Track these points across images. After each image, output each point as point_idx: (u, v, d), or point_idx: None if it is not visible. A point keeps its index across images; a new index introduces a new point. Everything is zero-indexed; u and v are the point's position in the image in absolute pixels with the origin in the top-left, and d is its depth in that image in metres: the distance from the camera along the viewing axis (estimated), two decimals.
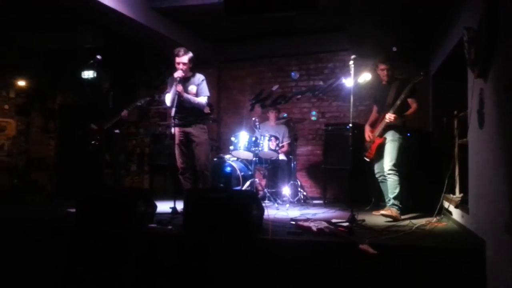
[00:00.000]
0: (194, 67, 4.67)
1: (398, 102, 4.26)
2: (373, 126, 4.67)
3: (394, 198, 4.26)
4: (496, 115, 2.68)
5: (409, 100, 4.32)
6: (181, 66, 4.48)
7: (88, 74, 5.55)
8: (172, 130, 4.47)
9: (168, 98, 4.57)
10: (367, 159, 4.64)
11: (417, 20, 5.29)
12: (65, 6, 5.07)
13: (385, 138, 4.39)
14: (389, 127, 4.36)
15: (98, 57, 4.95)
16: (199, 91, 4.63)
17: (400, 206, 4.26)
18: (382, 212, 4.20)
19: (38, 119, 7.63)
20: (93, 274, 3.46)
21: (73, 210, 3.83)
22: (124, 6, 5.05)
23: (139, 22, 5.36)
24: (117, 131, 5.27)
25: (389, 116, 4.27)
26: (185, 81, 4.58)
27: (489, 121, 2.84)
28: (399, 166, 4.29)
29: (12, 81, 7.27)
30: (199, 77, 4.69)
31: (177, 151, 4.65)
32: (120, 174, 5.75)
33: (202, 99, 4.62)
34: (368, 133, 4.66)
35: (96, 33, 6.40)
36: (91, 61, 5.00)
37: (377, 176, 4.62)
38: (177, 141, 4.62)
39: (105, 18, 5.31)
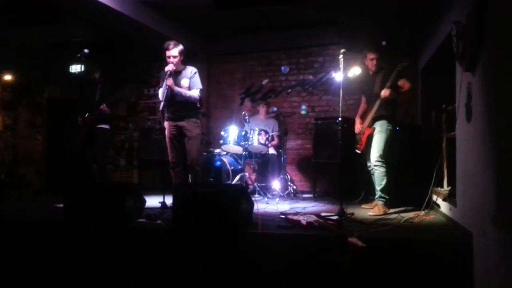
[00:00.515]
0: (185, 60, 4.64)
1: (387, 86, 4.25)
2: (363, 117, 4.67)
3: (381, 190, 4.28)
4: (483, 108, 2.70)
5: (400, 82, 4.27)
6: (171, 59, 4.46)
7: (76, 68, 5.47)
8: (164, 124, 4.44)
9: (161, 92, 4.54)
10: (359, 151, 4.64)
11: (407, 15, 5.30)
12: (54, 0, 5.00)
13: (374, 128, 4.40)
14: (378, 117, 4.37)
15: (86, 50, 4.87)
16: (191, 84, 4.60)
17: (387, 197, 4.28)
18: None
19: (25, 113, 7.53)
20: (87, 270, 3.44)
21: (61, 205, 3.78)
22: None
23: (127, 16, 5.28)
24: (104, 126, 5.19)
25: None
26: (176, 74, 4.55)
27: (477, 114, 2.86)
28: (386, 158, 4.30)
29: None
30: (191, 70, 4.65)
31: (169, 145, 4.63)
32: (106, 169, 5.66)
33: (194, 92, 4.59)
34: (357, 125, 4.67)
35: (85, 27, 6.29)
36: (79, 55, 4.93)
37: (369, 168, 4.56)
38: (169, 135, 4.60)
39: (93, 12, 5.21)
